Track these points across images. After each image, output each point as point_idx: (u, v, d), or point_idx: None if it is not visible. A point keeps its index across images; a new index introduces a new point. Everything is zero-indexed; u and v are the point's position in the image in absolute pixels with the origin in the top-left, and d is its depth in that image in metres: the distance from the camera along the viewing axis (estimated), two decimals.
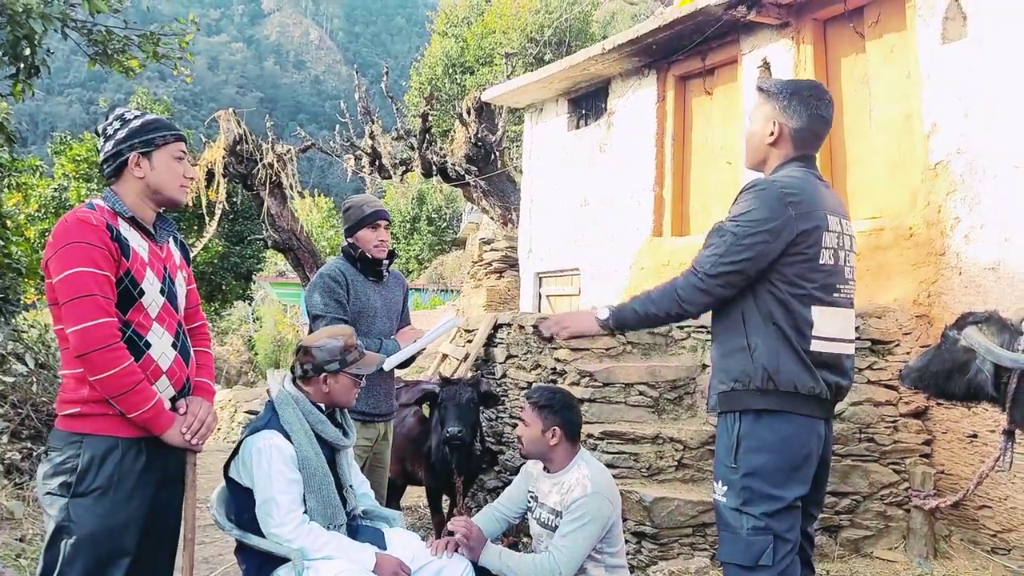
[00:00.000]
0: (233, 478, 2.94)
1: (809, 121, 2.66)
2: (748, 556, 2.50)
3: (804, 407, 2.53)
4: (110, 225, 2.45)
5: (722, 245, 2.51)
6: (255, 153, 11.56)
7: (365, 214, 3.92)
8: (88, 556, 2.37)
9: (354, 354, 3.05)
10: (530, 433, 3.12)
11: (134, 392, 2.39)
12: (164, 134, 2.59)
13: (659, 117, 7.90)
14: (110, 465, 2.40)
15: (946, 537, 5.08)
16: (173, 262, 2.71)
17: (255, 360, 25.01)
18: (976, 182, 5.11)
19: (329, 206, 31.82)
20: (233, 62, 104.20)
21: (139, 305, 2.49)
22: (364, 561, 2.85)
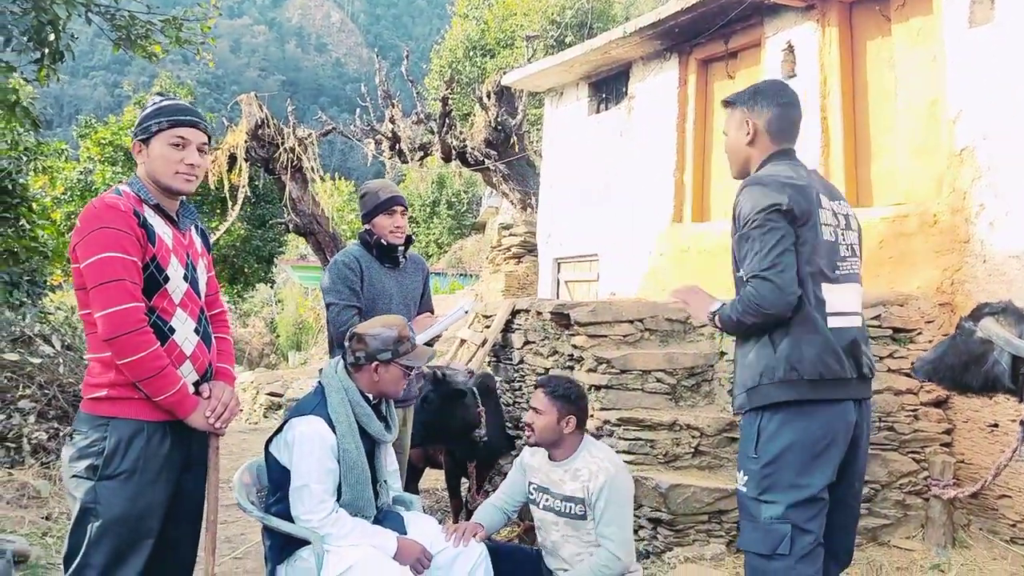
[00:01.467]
0: (273, 454, 2.98)
1: (778, 111, 2.76)
2: (766, 545, 2.52)
3: (831, 392, 2.55)
4: (137, 211, 2.48)
5: (755, 243, 2.54)
6: (276, 137, 11.60)
7: (381, 200, 3.91)
8: (114, 538, 2.40)
9: (406, 345, 3.08)
10: (544, 421, 3.14)
11: (161, 376, 2.43)
12: (160, 120, 2.55)
13: (680, 101, 7.84)
14: (136, 448, 2.44)
15: (965, 526, 5.05)
16: (195, 249, 2.73)
17: (277, 342, 25.22)
18: (1002, 169, 5.04)
19: (350, 190, 31.87)
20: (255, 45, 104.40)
21: (164, 291, 2.52)
22: (386, 547, 2.89)
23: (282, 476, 2.95)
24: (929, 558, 4.63)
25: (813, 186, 2.67)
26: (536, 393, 3.22)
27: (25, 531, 4.74)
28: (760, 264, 2.51)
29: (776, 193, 2.54)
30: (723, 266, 7.04)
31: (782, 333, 2.55)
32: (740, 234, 2.62)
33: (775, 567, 2.52)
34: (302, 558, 2.91)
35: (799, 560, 2.50)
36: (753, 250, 2.54)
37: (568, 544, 3.15)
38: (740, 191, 2.66)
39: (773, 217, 2.51)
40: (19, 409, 5.87)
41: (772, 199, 2.53)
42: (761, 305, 2.52)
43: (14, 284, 6.49)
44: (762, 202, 2.54)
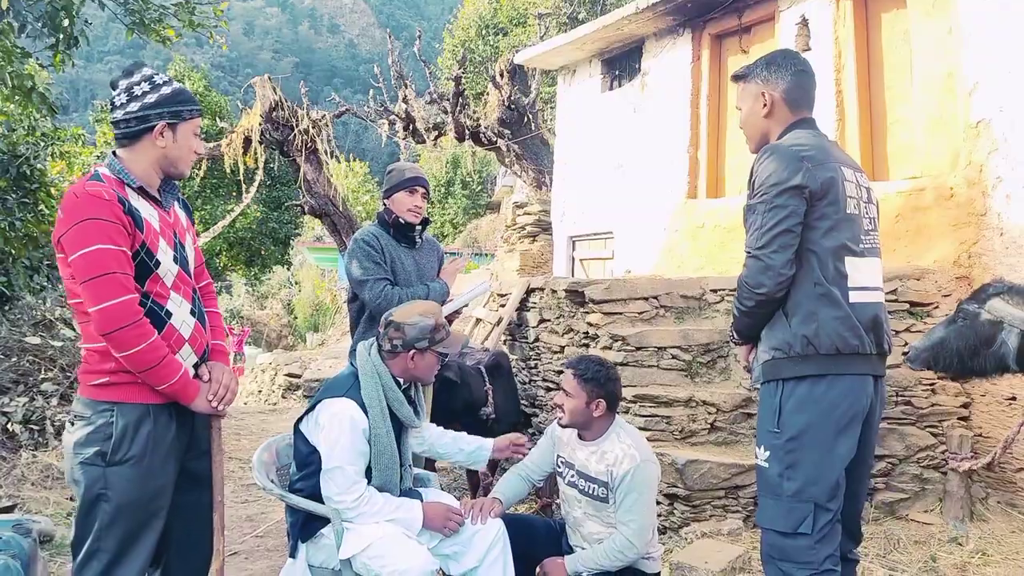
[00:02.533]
0: (304, 433, 3.02)
1: (793, 79, 2.71)
2: (788, 522, 2.49)
3: (848, 366, 2.51)
4: (121, 198, 2.39)
5: (759, 218, 2.51)
6: (291, 119, 11.60)
7: (404, 177, 4.01)
8: (126, 522, 2.40)
9: (442, 333, 3.11)
10: (573, 404, 3.13)
11: (161, 366, 2.39)
12: (192, 108, 2.56)
13: (694, 77, 7.79)
14: (144, 433, 2.41)
15: (983, 500, 5.04)
16: (181, 226, 2.67)
17: (294, 324, 25.37)
18: (1019, 141, 4.99)
19: (364, 171, 31.89)
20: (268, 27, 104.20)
21: (156, 276, 2.46)
22: (414, 519, 2.94)
23: (310, 455, 2.98)
24: (947, 531, 4.63)
25: (835, 157, 2.61)
26: (566, 375, 3.20)
27: (50, 511, 4.82)
28: (756, 242, 2.51)
29: (792, 170, 2.48)
30: (738, 241, 7.02)
31: (796, 308, 2.52)
32: (748, 203, 2.61)
33: (796, 545, 2.49)
34: (324, 536, 2.95)
35: (819, 540, 2.48)
36: (755, 225, 2.53)
37: (590, 522, 3.17)
38: (759, 157, 2.61)
39: (783, 196, 2.47)
40: (42, 392, 5.96)
41: (786, 177, 2.47)
42: (752, 286, 2.52)
43: (34, 269, 6.55)
44: (775, 178, 2.49)
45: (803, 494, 2.48)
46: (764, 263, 2.48)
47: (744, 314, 2.63)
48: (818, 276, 2.51)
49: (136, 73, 2.52)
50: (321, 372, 10.09)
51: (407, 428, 3.20)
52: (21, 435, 5.60)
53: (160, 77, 2.55)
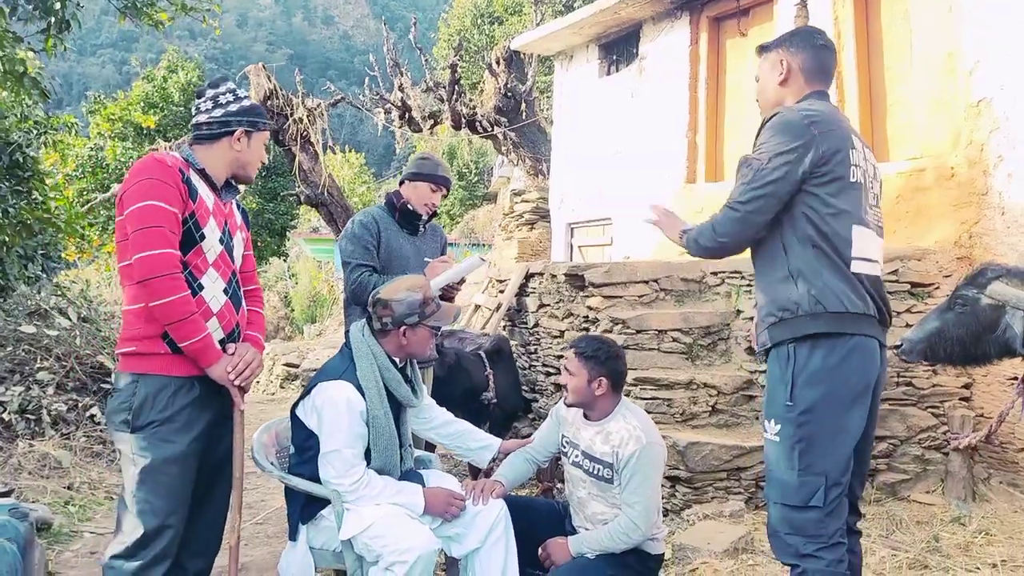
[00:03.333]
0: (300, 417, 2.99)
1: (813, 52, 2.68)
2: (799, 496, 2.45)
3: (857, 326, 2.47)
4: (181, 169, 2.61)
5: (749, 174, 2.49)
6: (286, 108, 11.51)
7: (436, 173, 4.00)
8: (152, 484, 2.55)
9: (432, 306, 3.07)
10: (575, 383, 3.09)
11: (189, 321, 2.52)
12: (266, 122, 2.86)
13: (692, 60, 7.74)
14: (163, 400, 2.56)
15: (985, 480, 5.02)
16: (234, 221, 2.86)
17: (291, 316, 25.29)
18: (1020, 119, 4.95)
19: (360, 162, 31.77)
20: (262, 19, 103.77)
21: (199, 248, 2.63)
22: (415, 503, 2.91)
23: (308, 439, 2.95)
24: (949, 512, 4.62)
25: (844, 126, 2.58)
26: (568, 354, 3.16)
27: (48, 500, 4.79)
28: (740, 196, 2.50)
29: (795, 134, 2.45)
30: None
31: (800, 270, 2.48)
32: (745, 156, 2.57)
33: (806, 518, 2.45)
34: (324, 517, 2.92)
35: (828, 513, 2.45)
36: (744, 180, 2.51)
37: (594, 502, 3.14)
38: (769, 118, 2.58)
39: (779, 158, 2.44)
40: (38, 381, 5.91)
41: (789, 140, 2.45)
42: (718, 233, 2.53)
43: (28, 258, 6.51)
44: (778, 138, 2.47)
45: (815, 467, 2.45)
46: (740, 215, 2.49)
47: (695, 244, 2.63)
48: (816, 239, 2.48)
49: (222, 85, 2.81)
50: (320, 361, 10.04)
51: (405, 408, 3.16)
52: (17, 424, 5.56)
53: (242, 91, 2.84)
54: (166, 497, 2.57)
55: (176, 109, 17.34)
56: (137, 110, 16.82)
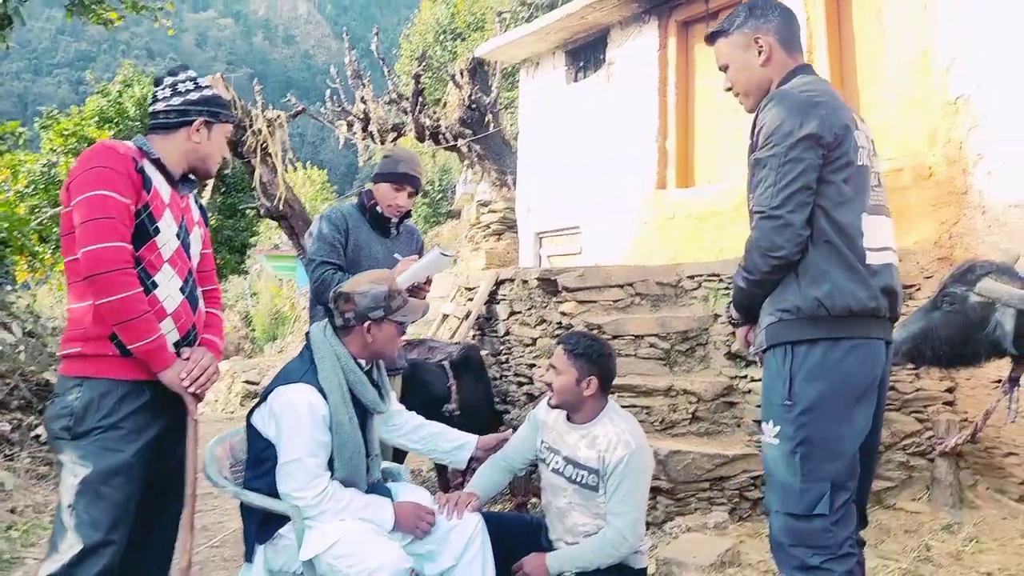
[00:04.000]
0: (256, 426, 2.73)
1: (782, 21, 2.49)
2: (802, 504, 2.24)
3: (864, 329, 2.27)
4: (135, 158, 2.46)
5: (771, 174, 2.24)
6: (245, 119, 11.21)
7: (395, 170, 3.70)
8: (93, 496, 2.36)
9: (398, 300, 2.83)
10: (563, 382, 2.88)
11: (140, 321, 2.36)
12: (228, 113, 2.71)
13: (661, 65, 7.62)
14: (107, 405, 2.39)
15: (971, 487, 4.90)
16: (191, 216, 2.70)
17: (252, 336, 24.79)
18: (999, 116, 4.87)
19: (323, 179, 31.47)
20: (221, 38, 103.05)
21: (152, 243, 2.47)
22: (383, 519, 2.66)
23: (265, 450, 2.69)
24: (938, 519, 4.49)
25: (844, 103, 2.37)
26: (556, 350, 2.95)
27: None
28: (770, 200, 2.23)
29: (805, 117, 2.23)
30: (710, 231, 6.90)
31: (806, 267, 2.27)
32: (756, 156, 2.31)
33: (811, 528, 2.25)
34: (283, 536, 2.66)
35: (835, 522, 2.24)
36: (767, 181, 2.25)
37: (575, 513, 2.91)
38: (765, 105, 2.33)
39: (797, 148, 2.21)
40: None
41: (799, 125, 2.22)
42: (767, 249, 2.23)
43: None
44: (788, 126, 2.23)
45: (818, 472, 2.23)
46: (782, 221, 2.21)
47: (755, 284, 2.33)
48: (829, 234, 2.25)
49: (182, 73, 2.66)
50: None
51: (372, 414, 2.91)
52: None
53: (203, 81, 2.69)
54: (108, 510, 2.37)
55: (132, 124, 16.88)
56: (91, 125, 16.34)
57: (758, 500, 4.45)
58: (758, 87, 2.48)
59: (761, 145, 2.29)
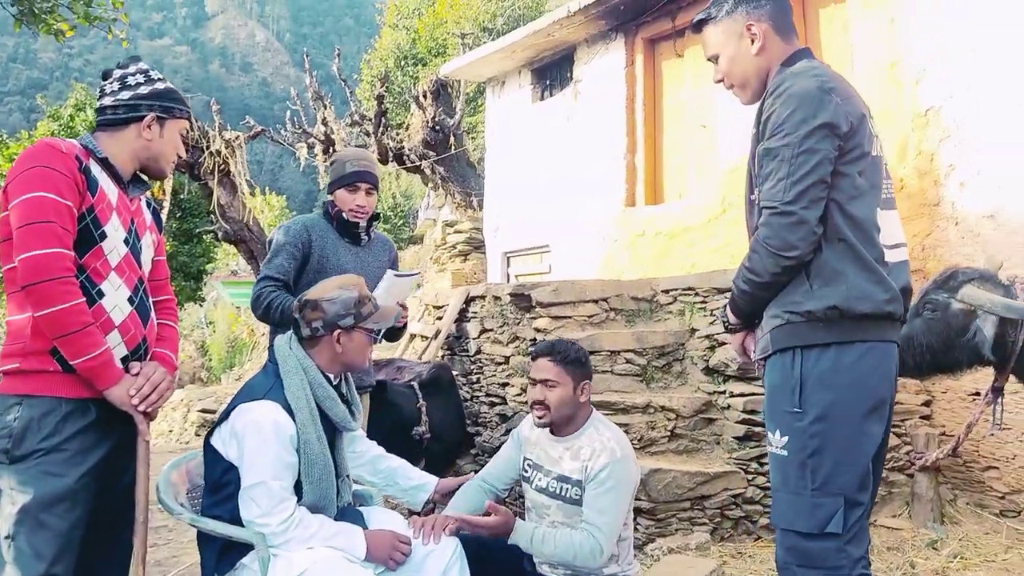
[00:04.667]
0: (216, 448, 2.50)
1: (775, 4, 2.28)
2: (813, 521, 2.05)
3: (876, 332, 2.09)
4: (79, 157, 2.26)
5: (782, 166, 2.05)
6: (202, 140, 10.95)
7: (344, 173, 3.48)
8: (34, 525, 2.16)
9: (369, 306, 2.62)
10: (561, 394, 2.73)
11: (82, 334, 2.16)
12: (183, 108, 2.52)
13: (628, 82, 7.58)
14: (49, 426, 2.19)
15: (951, 501, 4.84)
16: (143, 220, 2.50)
17: (209, 365, 24.23)
18: (970, 127, 4.87)
19: (282, 204, 31.08)
20: (177, 66, 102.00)
21: (98, 250, 2.27)
22: (355, 548, 2.45)
23: (226, 474, 2.47)
24: (920, 536, 4.41)
25: (856, 92, 2.20)
26: (539, 363, 2.79)
27: None
28: (783, 194, 2.03)
29: (819, 105, 2.04)
30: (681, 247, 6.81)
31: (819, 266, 2.09)
32: (766, 146, 2.11)
33: (823, 548, 2.06)
34: (246, 567, 2.44)
35: (849, 540, 2.06)
36: (778, 173, 2.06)
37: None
38: (773, 90, 2.14)
39: (812, 138, 2.02)
40: None
41: (814, 113, 2.03)
42: (779, 248, 2.04)
43: None
44: (801, 113, 2.04)
45: (831, 486, 2.04)
46: (796, 217, 2.02)
47: (761, 287, 2.14)
48: (843, 230, 2.07)
49: (132, 65, 2.49)
50: None
51: (342, 433, 2.71)
52: None
53: (155, 74, 2.51)
54: (51, 541, 2.16)
55: None
56: None
57: (740, 519, 4.33)
58: (754, 77, 2.31)
59: (771, 134, 2.11)
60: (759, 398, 4.38)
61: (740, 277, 2.20)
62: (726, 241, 6.37)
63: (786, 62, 2.24)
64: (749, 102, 2.36)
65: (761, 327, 2.24)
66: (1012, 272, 4.29)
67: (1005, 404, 3.97)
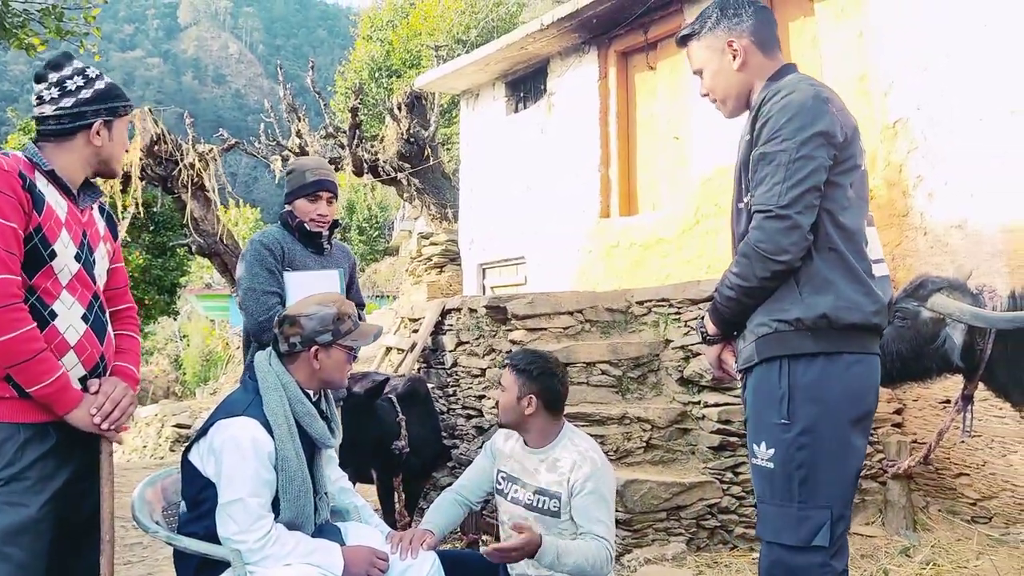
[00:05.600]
0: (194, 464, 2.48)
1: (756, 17, 2.28)
2: (800, 534, 2.04)
3: (862, 344, 2.09)
4: (23, 174, 2.13)
5: (778, 170, 2.04)
6: (175, 153, 10.88)
7: (305, 182, 3.42)
8: None
9: (348, 323, 2.60)
10: (505, 399, 2.77)
11: (36, 361, 2.07)
12: (126, 103, 2.39)
13: (602, 95, 7.64)
14: (8, 453, 2.10)
15: (923, 508, 4.89)
16: (95, 230, 2.38)
17: (183, 379, 23.99)
18: (938, 138, 4.95)
19: (256, 216, 30.93)
20: (149, 77, 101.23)
21: (48, 269, 2.17)
22: (332, 566, 2.44)
23: (203, 491, 2.45)
24: (893, 543, 4.45)
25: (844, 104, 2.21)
26: (505, 369, 2.86)
27: None
28: (778, 199, 2.02)
29: (817, 113, 2.04)
30: (655, 258, 6.85)
31: (808, 274, 2.08)
32: (762, 151, 2.09)
33: (809, 562, 2.04)
34: None
35: (834, 555, 2.06)
36: (774, 178, 2.04)
37: None
38: (770, 97, 2.13)
39: (809, 144, 2.02)
40: None
41: (811, 121, 2.03)
42: (770, 252, 2.02)
43: None
44: (799, 120, 2.04)
45: (819, 498, 2.04)
46: (791, 222, 2.00)
47: (747, 292, 2.12)
48: (835, 240, 2.07)
49: (66, 66, 2.33)
50: None
51: (320, 450, 2.70)
52: None
53: (92, 71, 2.37)
54: (14, 574, 2.09)
55: None
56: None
57: (715, 529, 4.36)
58: (736, 92, 2.32)
59: (767, 139, 2.09)
60: (734, 408, 4.41)
61: (725, 283, 2.18)
62: (699, 252, 6.42)
63: (772, 77, 2.24)
64: (731, 116, 2.38)
65: (743, 337, 2.22)
66: (980, 281, 4.39)
67: (975, 412, 4.06)
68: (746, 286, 2.12)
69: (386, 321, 8.35)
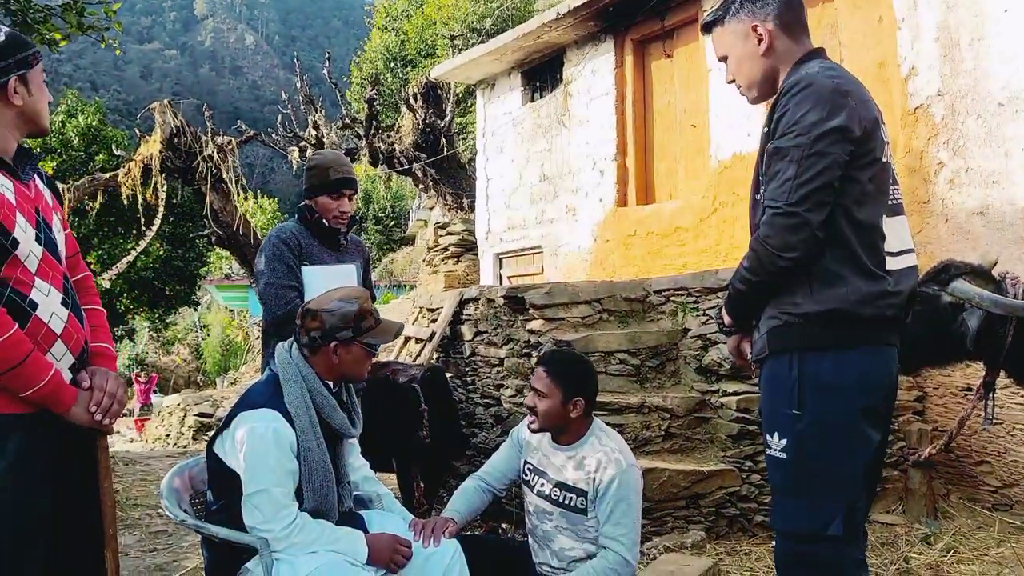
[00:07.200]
0: (219, 455, 2.52)
1: (784, 3, 2.22)
2: (814, 523, 2.04)
3: (875, 335, 2.07)
4: None
5: (791, 166, 2.01)
6: (194, 146, 10.95)
7: (329, 180, 3.47)
8: None
9: (369, 321, 2.62)
10: (548, 405, 2.73)
11: (25, 366, 1.94)
12: (35, 50, 2.13)
13: (618, 83, 7.62)
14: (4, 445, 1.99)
15: (944, 496, 4.88)
16: (45, 202, 2.20)
17: (203, 368, 24.22)
18: (959, 124, 4.91)
19: (273, 207, 31.08)
20: (167, 70, 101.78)
21: (14, 259, 1.99)
22: (357, 554, 2.48)
23: (228, 481, 2.49)
24: (914, 531, 4.44)
25: (870, 96, 2.16)
26: (537, 372, 2.81)
27: None
28: (789, 195, 1.99)
29: (834, 108, 1.99)
30: (673, 247, 6.85)
31: (820, 269, 2.05)
32: (776, 145, 2.06)
33: (823, 552, 2.04)
34: (250, 571, 2.47)
35: (849, 543, 2.05)
36: (785, 174, 2.01)
37: (561, 536, 2.77)
38: (788, 90, 2.08)
39: (824, 141, 1.98)
40: None
41: (827, 116, 1.98)
42: (778, 248, 2.01)
43: None
44: (815, 115, 1.99)
45: (832, 488, 2.04)
46: (799, 219, 1.98)
47: (756, 286, 2.11)
48: (847, 235, 2.04)
49: None
50: None
51: (342, 440, 2.74)
52: None
53: None
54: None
55: (76, 154, 16.45)
56: None
57: (735, 517, 4.37)
58: (762, 78, 2.27)
59: (782, 133, 2.06)
60: (753, 397, 4.41)
61: (737, 277, 2.18)
62: (716, 240, 6.41)
63: (799, 62, 2.19)
64: (755, 102, 2.35)
65: (758, 328, 2.21)
66: (1002, 268, 4.35)
67: (996, 399, 4.04)
68: (754, 280, 2.11)
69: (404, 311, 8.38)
